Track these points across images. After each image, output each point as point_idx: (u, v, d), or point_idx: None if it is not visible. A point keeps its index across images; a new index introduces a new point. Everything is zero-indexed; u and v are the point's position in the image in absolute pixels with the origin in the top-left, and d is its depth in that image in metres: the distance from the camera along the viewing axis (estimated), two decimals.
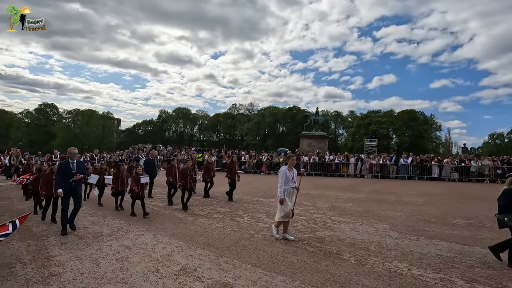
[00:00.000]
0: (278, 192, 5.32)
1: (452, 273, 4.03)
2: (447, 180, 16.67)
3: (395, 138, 49.13)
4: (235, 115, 57.79)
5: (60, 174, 5.85)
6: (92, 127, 52.14)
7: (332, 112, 55.78)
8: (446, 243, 5.35)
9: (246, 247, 5.01)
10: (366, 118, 48.65)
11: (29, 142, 47.50)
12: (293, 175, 5.45)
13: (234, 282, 3.68)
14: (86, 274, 3.89)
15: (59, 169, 5.95)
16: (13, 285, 3.56)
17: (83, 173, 6.02)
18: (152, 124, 58.23)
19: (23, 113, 52.21)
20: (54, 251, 4.78)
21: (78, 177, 5.79)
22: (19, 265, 4.15)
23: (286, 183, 5.33)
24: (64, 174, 5.76)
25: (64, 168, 5.81)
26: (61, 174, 5.82)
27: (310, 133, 26.77)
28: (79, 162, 6.09)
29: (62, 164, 5.99)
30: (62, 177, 5.78)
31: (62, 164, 6.01)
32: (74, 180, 5.75)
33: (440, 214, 7.72)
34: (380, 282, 3.71)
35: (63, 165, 5.89)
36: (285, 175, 5.35)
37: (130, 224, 6.54)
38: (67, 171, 5.75)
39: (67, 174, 5.73)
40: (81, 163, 6.22)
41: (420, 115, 47.90)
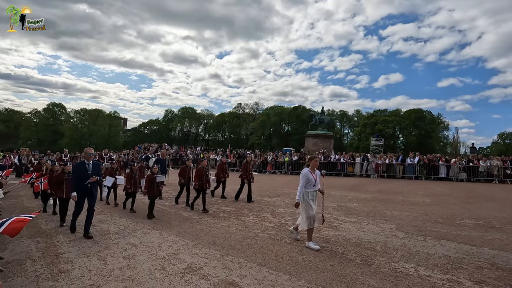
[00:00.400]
0: (297, 195, 5.01)
1: (460, 274, 3.98)
2: (454, 180, 16.45)
3: (402, 137, 48.66)
4: (240, 114, 57.84)
5: (75, 176, 5.60)
6: (99, 127, 52.73)
7: (337, 111, 55.50)
8: (453, 243, 5.29)
9: (252, 246, 5.03)
10: (372, 118, 48.25)
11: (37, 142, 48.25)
12: (315, 178, 5.10)
13: (240, 281, 3.69)
14: (94, 271, 3.95)
15: (75, 170, 5.72)
16: (23, 281, 3.64)
17: (98, 174, 5.72)
18: (158, 124, 58.64)
19: (32, 113, 53.04)
20: (62, 248, 4.86)
21: (94, 179, 5.53)
22: (29, 262, 4.23)
23: (307, 186, 5.01)
24: (79, 176, 5.51)
25: (79, 170, 5.56)
26: (76, 175, 5.57)
27: (315, 133, 26.67)
28: (95, 163, 5.78)
29: (78, 165, 5.76)
30: (77, 178, 5.53)
31: (78, 165, 5.79)
32: (90, 182, 5.49)
33: (447, 215, 7.63)
34: (386, 282, 3.69)
35: (79, 166, 5.65)
36: (307, 178, 5.03)
37: (136, 222, 6.61)
38: (82, 173, 5.49)
39: (82, 176, 5.48)
40: (97, 164, 5.90)
41: (427, 114, 47.31)
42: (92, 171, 5.56)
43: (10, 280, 3.63)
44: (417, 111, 46.80)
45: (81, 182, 5.46)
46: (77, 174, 5.57)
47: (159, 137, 51.34)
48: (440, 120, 48.37)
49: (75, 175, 5.63)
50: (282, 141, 49.66)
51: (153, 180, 7.22)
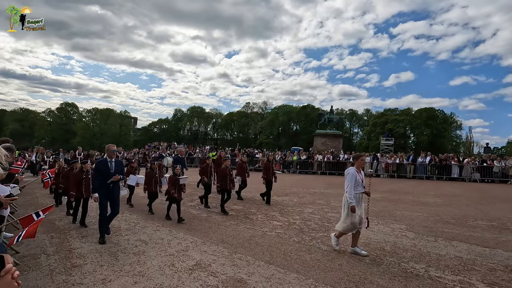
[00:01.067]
0: (348, 197, 4.60)
1: (472, 275, 3.90)
2: (467, 181, 16.08)
3: (413, 137, 47.81)
4: (248, 113, 57.92)
5: (97, 175, 5.25)
6: (110, 126, 53.70)
7: (347, 110, 54.88)
8: (466, 245, 5.18)
9: (260, 244, 5.04)
10: (382, 117, 47.56)
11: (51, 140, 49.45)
12: (362, 178, 4.75)
13: (248, 278, 3.72)
14: (105, 266, 4.04)
15: (97, 169, 5.31)
16: (38, 274, 3.75)
17: (121, 173, 5.38)
18: (167, 123, 59.29)
19: (45, 112, 54.42)
20: (75, 244, 4.99)
21: (117, 178, 5.19)
22: (44, 256, 4.35)
23: (355, 187, 4.65)
24: (102, 175, 5.17)
25: (102, 168, 5.20)
26: (98, 174, 5.22)
27: (324, 132, 26.48)
28: (118, 161, 5.42)
29: (101, 163, 5.35)
30: (99, 178, 5.19)
31: (100, 163, 5.37)
32: (113, 181, 5.15)
33: (460, 215, 7.47)
34: (396, 283, 3.65)
35: (101, 165, 5.26)
36: (355, 178, 4.64)
37: (146, 219, 6.71)
38: (105, 171, 5.15)
39: (105, 175, 5.15)
40: (120, 162, 5.54)
41: (439, 114, 46.35)
42: (115, 169, 5.22)
43: (26, 273, 3.74)
44: (429, 110, 45.90)
45: (103, 182, 5.14)
46: (99, 172, 5.22)
47: (168, 136, 51.95)
48: (453, 119, 47.30)
49: (97, 174, 5.28)
50: (291, 140, 49.49)
51: (176, 182, 6.61)
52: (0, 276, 0.97)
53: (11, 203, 2.76)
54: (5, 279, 0.98)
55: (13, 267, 1.02)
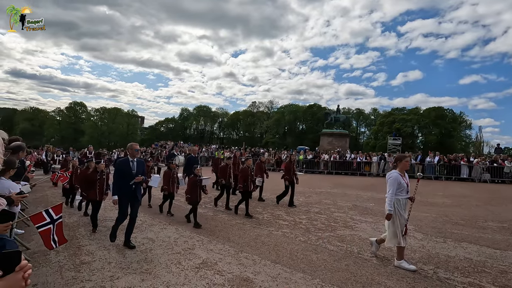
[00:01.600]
0: (387, 205, 4.24)
1: (482, 277, 3.83)
2: (477, 181, 15.78)
3: (421, 136, 47.15)
4: (254, 113, 57.92)
5: (118, 175, 4.77)
6: (117, 125, 54.29)
7: (353, 109, 54.41)
8: (476, 246, 5.09)
9: (266, 244, 5.04)
10: (390, 116, 47.01)
11: (60, 139, 50.26)
12: (407, 182, 4.36)
13: (254, 277, 3.72)
14: (113, 263, 4.09)
15: (118, 169, 4.83)
16: (48, 270, 3.82)
17: (143, 173, 4.94)
18: (174, 122, 59.66)
19: (55, 111, 55.31)
20: (84, 241, 5.06)
21: (140, 179, 4.75)
22: (53, 253, 4.43)
23: (398, 192, 4.24)
24: (123, 176, 4.72)
25: (123, 168, 4.74)
26: (119, 175, 4.76)
27: (330, 131, 26.31)
28: (139, 161, 4.96)
29: (122, 163, 4.86)
30: (120, 178, 4.72)
31: (122, 163, 4.88)
32: (135, 182, 4.74)
33: (469, 216, 7.34)
34: (404, 284, 3.60)
35: (123, 164, 4.79)
36: (398, 182, 4.25)
37: (153, 218, 6.77)
38: (127, 172, 4.71)
39: (126, 176, 4.70)
40: (142, 162, 5.07)
41: (448, 113, 45.59)
42: (137, 170, 4.79)
43: (36, 269, 3.81)
44: (438, 109, 45.18)
45: (125, 183, 4.67)
46: (120, 173, 4.75)
47: (175, 135, 52.31)
48: (462, 119, 46.47)
49: (118, 174, 4.77)
50: (297, 139, 49.32)
51: (196, 183, 6.15)
52: (15, 271, 0.99)
53: (21, 200, 2.81)
54: (17, 276, 0.99)
55: (29, 265, 1.03)
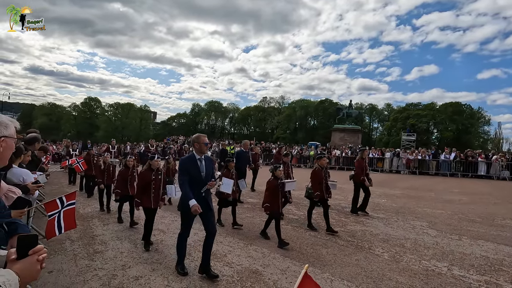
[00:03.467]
0: None
1: (499, 276, 3.70)
2: (496, 179, 15.25)
3: (436, 132, 45.83)
4: (265, 108, 57.68)
5: (185, 177, 3.44)
6: (130, 120, 55.21)
7: (366, 105, 53.34)
8: (493, 244, 4.92)
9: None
10: (404, 111, 45.85)
11: (76, 134, 51.62)
12: None
13: (263, 270, 3.72)
14: (125, 253, 4.18)
15: (183, 168, 3.51)
16: (63, 258, 3.94)
17: (213, 175, 3.75)
18: (185, 117, 60.16)
19: (71, 107, 56.67)
20: (97, 231, 5.19)
21: (212, 184, 3.59)
22: (68, 242, 4.56)
23: None
24: (189, 178, 3.44)
25: (190, 169, 3.46)
26: (186, 176, 3.44)
27: (342, 127, 25.96)
28: (207, 159, 3.66)
29: (188, 161, 3.52)
30: (188, 182, 3.43)
31: (187, 161, 3.53)
32: (207, 189, 3.54)
33: (486, 214, 7.10)
34: (416, 280, 3.52)
35: (189, 163, 3.49)
36: None
37: (164, 210, 6.85)
38: (195, 175, 3.43)
39: (194, 178, 3.45)
40: (210, 159, 3.77)
41: (466, 108, 44.06)
42: (206, 171, 3.54)
43: (52, 257, 3.94)
44: (455, 105, 43.69)
45: (193, 189, 3.43)
46: (186, 175, 3.41)
47: (186, 130, 52.72)
48: (481, 115, 44.78)
49: (183, 178, 3.43)
50: (308, 135, 48.88)
51: (277, 189, 4.70)
52: (28, 254, 1.00)
53: (37, 189, 2.89)
54: (31, 259, 1.00)
55: (44, 249, 1.04)
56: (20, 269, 0.96)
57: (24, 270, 0.97)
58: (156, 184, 4.56)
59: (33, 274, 1.00)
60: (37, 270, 1.02)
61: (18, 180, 2.69)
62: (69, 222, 2.82)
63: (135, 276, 3.47)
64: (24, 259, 0.99)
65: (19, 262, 0.98)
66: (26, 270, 0.97)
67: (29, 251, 1.01)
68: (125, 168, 5.83)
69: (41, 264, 1.02)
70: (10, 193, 2.03)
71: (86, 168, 8.40)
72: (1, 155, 1.27)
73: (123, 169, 5.87)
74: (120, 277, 3.44)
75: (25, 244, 1.02)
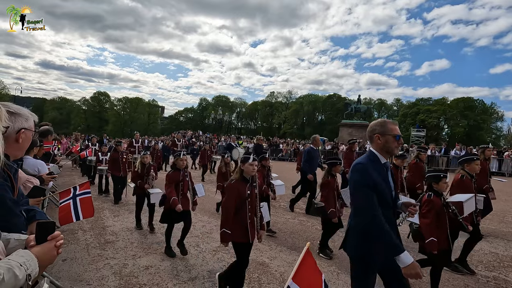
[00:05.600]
0: None
1: (508, 272, 3.67)
2: (507, 175, 14.95)
3: (447, 128, 45.00)
4: (273, 103, 57.50)
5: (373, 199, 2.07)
6: (139, 114, 55.81)
7: (375, 100, 52.68)
8: (503, 241, 4.87)
9: (282, 231, 5.07)
10: (414, 107, 45.10)
11: (86, 127, 52.49)
12: None
13: (270, 262, 3.77)
14: (135, 243, 4.29)
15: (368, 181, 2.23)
16: (76, 248, 4.06)
17: None
18: (193, 112, 60.48)
19: (81, 101, 57.57)
20: (108, 222, 5.32)
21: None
22: (81, 232, 4.70)
23: None
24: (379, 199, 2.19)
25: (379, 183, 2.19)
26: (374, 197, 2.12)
27: (350, 122, 25.71)
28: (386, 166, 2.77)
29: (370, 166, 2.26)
30: None
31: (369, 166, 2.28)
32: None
33: (497, 211, 6.97)
34: (424, 275, 3.51)
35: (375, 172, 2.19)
36: None
37: None
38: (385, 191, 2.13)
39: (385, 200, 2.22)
40: None
41: (478, 104, 43.06)
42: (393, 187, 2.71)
43: (65, 246, 4.06)
44: (467, 100, 42.73)
45: None
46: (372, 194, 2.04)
47: (194, 124, 53.08)
48: (494, 110, 43.73)
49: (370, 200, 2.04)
50: (315, 130, 48.53)
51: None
52: (47, 240, 1.05)
53: (51, 180, 2.98)
54: (49, 244, 1.05)
55: (61, 235, 1.10)
56: (39, 252, 1.01)
57: (42, 253, 1.02)
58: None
59: (50, 258, 1.06)
60: (54, 255, 1.07)
61: (33, 171, 2.78)
62: (87, 210, 2.88)
63: (145, 266, 3.57)
64: (42, 244, 1.04)
65: (38, 246, 1.04)
66: (44, 254, 1.02)
67: (47, 236, 1.06)
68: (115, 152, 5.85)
69: (58, 250, 1.08)
70: (28, 183, 2.11)
71: (111, 168, 6.99)
72: (20, 146, 1.33)
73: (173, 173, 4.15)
74: (131, 266, 3.54)
75: (44, 230, 1.07)
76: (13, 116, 1.28)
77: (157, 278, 3.29)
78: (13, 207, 1.25)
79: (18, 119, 1.30)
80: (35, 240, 1.06)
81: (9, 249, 1.05)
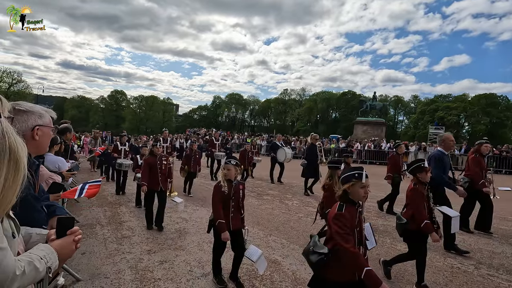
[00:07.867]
0: None
1: None
2: None
3: (467, 126, 43.31)
4: (286, 100, 57.15)
5: None
6: (154, 112, 56.88)
7: (391, 97, 51.34)
8: None
9: (294, 229, 5.06)
10: (432, 104, 43.64)
11: (104, 125, 54.01)
12: None
13: (282, 260, 3.77)
14: (150, 239, 4.39)
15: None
16: (94, 242, 4.21)
17: None
18: (207, 110, 61.02)
19: (99, 99, 59.28)
20: (125, 217, 5.48)
21: None
22: (98, 227, 4.86)
23: None
24: None
25: None
26: None
27: (365, 119, 25.25)
28: None
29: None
30: None
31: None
32: None
33: None
34: (440, 277, 3.43)
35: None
36: None
37: (186, 200, 7.08)
38: None
39: None
40: None
41: (501, 100, 41.17)
42: None
43: (84, 240, 4.21)
44: (489, 96, 40.92)
45: None
46: None
47: (207, 122, 53.60)
48: None
49: None
50: (329, 128, 47.99)
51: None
52: (66, 234, 1.10)
53: (71, 176, 3.09)
54: (69, 239, 1.10)
55: (79, 230, 1.14)
56: (58, 246, 1.06)
57: (61, 247, 1.06)
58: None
59: (69, 252, 1.10)
60: (73, 249, 1.11)
61: (54, 167, 2.89)
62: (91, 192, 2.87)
63: (160, 261, 3.65)
64: (62, 238, 1.09)
65: (57, 240, 1.08)
66: (63, 248, 1.07)
67: (67, 231, 1.10)
68: (152, 157, 4.97)
69: (76, 244, 1.12)
70: (51, 180, 2.20)
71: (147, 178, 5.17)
72: (38, 143, 1.35)
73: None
74: (146, 261, 3.63)
75: (63, 225, 1.12)
76: (26, 114, 1.30)
77: (171, 273, 3.36)
78: (34, 203, 1.30)
79: (31, 116, 1.32)
80: (55, 234, 1.10)
81: (31, 243, 1.10)
